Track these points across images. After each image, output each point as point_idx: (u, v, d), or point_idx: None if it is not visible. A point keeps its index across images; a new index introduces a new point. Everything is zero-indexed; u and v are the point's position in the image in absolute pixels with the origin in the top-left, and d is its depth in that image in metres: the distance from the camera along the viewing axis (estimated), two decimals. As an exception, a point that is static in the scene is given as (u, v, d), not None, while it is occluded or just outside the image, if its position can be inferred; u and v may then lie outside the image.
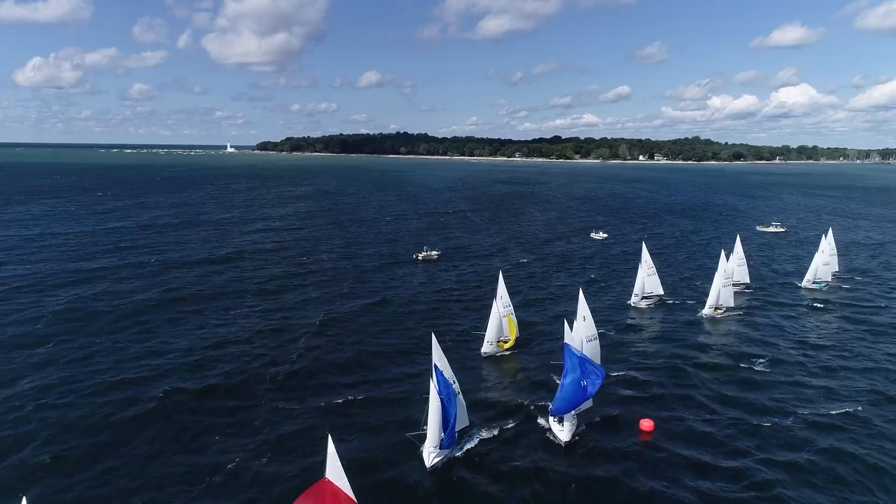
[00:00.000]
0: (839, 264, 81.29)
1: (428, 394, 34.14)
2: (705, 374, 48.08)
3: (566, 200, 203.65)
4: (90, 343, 52.67)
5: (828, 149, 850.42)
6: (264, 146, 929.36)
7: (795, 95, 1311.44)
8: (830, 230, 79.99)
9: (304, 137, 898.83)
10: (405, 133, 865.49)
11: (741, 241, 75.26)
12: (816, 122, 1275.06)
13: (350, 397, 42.68)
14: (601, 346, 44.33)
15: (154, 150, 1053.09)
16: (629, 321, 62.26)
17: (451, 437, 34.59)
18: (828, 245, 75.49)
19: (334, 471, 25.90)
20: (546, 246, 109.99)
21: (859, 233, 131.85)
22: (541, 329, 59.02)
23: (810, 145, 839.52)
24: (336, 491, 25.68)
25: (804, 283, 74.36)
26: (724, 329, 59.90)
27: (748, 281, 73.96)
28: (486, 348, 51.17)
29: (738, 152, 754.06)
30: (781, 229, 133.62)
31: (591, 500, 31.65)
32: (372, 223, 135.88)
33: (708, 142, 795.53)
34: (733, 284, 67.33)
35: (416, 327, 59.39)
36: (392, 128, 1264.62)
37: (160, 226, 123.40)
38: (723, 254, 63.42)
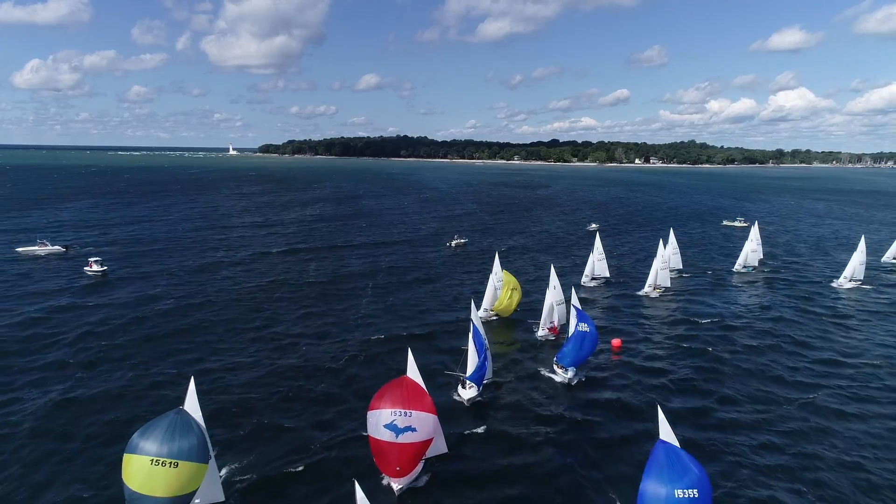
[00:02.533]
0: (763, 251, 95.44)
1: (465, 346, 44.62)
2: (646, 328, 62.52)
3: (569, 202, 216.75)
4: (209, 321, 62.87)
5: (821, 152, 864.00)
6: (266, 149, 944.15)
7: (793, 99, 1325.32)
8: (756, 223, 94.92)
9: (305, 140, 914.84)
10: (405, 136, 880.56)
11: (674, 233, 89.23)
12: (814, 126, 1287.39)
13: (406, 344, 51.92)
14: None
15: (164, 153, 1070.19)
16: (582, 296, 76.20)
17: (481, 379, 43.87)
18: (755, 235, 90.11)
19: (412, 371, 34.02)
20: (547, 236, 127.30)
21: (824, 228, 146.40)
22: (529, 300, 70.46)
23: (804, 149, 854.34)
24: (412, 383, 33.41)
25: (736, 268, 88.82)
26: (660, 302, 73.28)
27: (681, 267, 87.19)
28: (481, 314, 60.71)
29: (732, 156, 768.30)
30: (745, 224, 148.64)
31: (590, 414, 42.42)
32: (397, 224, 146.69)
33: (703, 145, 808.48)
34: (669, 270, 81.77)
35: (453, 294, 74.43)
36: (391, 130, 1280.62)
37: (206, 226, 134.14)
38: (661, 242, 77.74)
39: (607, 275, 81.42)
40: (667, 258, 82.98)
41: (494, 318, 64.13)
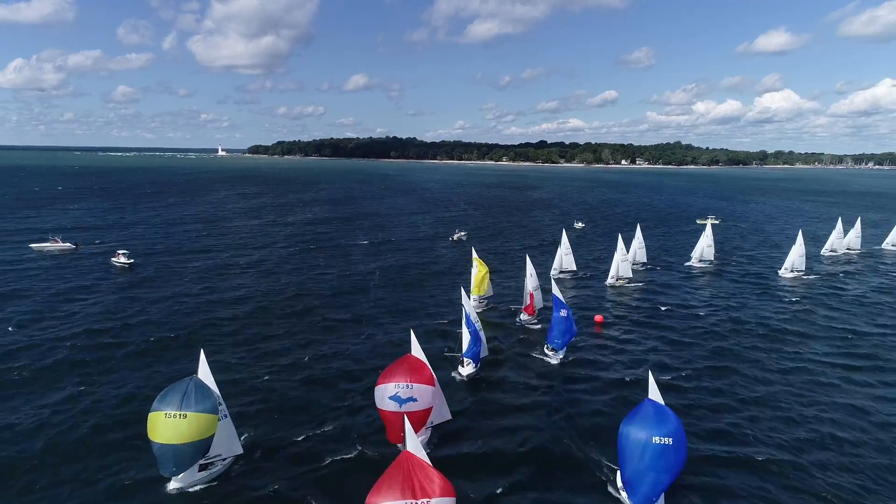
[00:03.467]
0: (727, 246, 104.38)
1: (461, 328, 50.88)
2: (614, 313, 70.46)
3: (560, 203, 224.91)
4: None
5: (803, 154, 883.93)
6: (255, 150, 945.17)
7: (779, 101, 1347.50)
8: (709, 222, 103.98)
9: (295, 141, 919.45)
10: (395, 137, 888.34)
11: (642, 230, 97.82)
12: (798, 128, 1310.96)
13: (408, 326, 57.41)
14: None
15: (155, 154, 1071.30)
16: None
17: (476, 357, 49.93)
18: (709, 232, 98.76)
19: (416, 349, 39.69)
20: (537, 233, 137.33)
21: (785, 224, 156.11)
22: (517, 290, 77.51)
23: (787, 150, 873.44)
24: (414, 359, 38.92)
25: (692, 262, 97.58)
26: (625, 291, 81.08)
27: (645, 261, 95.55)
28: (473, 302, 68.91)
29: (716, 157, 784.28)
30: (715, 221, 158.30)
31: (577, 384, 49.10)
32: (400, 225, 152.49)
33: (689, 147, 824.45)
34: (633, 263, 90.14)
35: (453, 282, 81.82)
36: (379, 131, 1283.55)
37: (217, 224, 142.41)
38: (620, 237, 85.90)
39: (574, 268, 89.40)
40: (633, 252, 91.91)
41: (485, 305, 70.67)
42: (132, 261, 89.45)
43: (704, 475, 35.57)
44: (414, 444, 27.34)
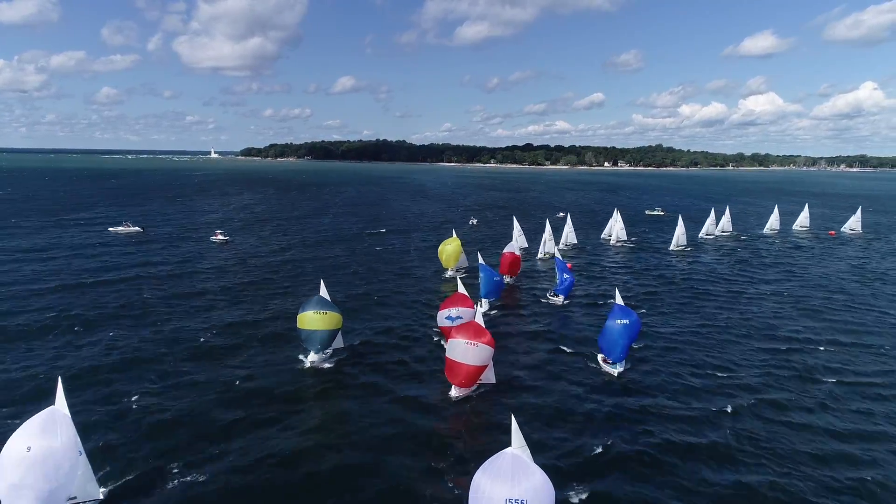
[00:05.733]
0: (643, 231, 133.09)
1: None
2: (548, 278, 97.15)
3: (552, 200, 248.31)
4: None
5: (779, 156, 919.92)
6: (248, 152, 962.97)
7: (763, 104, 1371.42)
8: (616, 210, 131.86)
9: (287, 144, 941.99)
10: (385, 140, 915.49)
11: (572, 218, 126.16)
12: (781, 130, 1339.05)
13: (442, 280, 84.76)
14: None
15: (156, 157, 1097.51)
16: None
17: (491, 297, 69.72)
18: (618, 217, 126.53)
19: (461, 289, 56.71)
20: (526, 220, 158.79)
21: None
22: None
23: (763, 153, 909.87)
24: (461, 295, 54.98)
25: (612, 241, 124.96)
26: (551, 264, 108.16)
27: (576, 242, 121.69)
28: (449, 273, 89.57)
29: (695, 160, 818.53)
30: (662, 213, 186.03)
31: (570, 314, 69.87)
32: (425, 220, 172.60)
33: (670, 149, 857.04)
34: (566, 245, 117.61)
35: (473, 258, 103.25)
36: (366, 134, 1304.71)
37: (274, 218, 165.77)
38: (548, 221, 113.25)
39: (526, 245, 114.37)
40: (565, 235, 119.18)
41: (461, 274, 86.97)
42: (228, 238, 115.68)
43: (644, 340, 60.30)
44: (480, 319, 47.74)
